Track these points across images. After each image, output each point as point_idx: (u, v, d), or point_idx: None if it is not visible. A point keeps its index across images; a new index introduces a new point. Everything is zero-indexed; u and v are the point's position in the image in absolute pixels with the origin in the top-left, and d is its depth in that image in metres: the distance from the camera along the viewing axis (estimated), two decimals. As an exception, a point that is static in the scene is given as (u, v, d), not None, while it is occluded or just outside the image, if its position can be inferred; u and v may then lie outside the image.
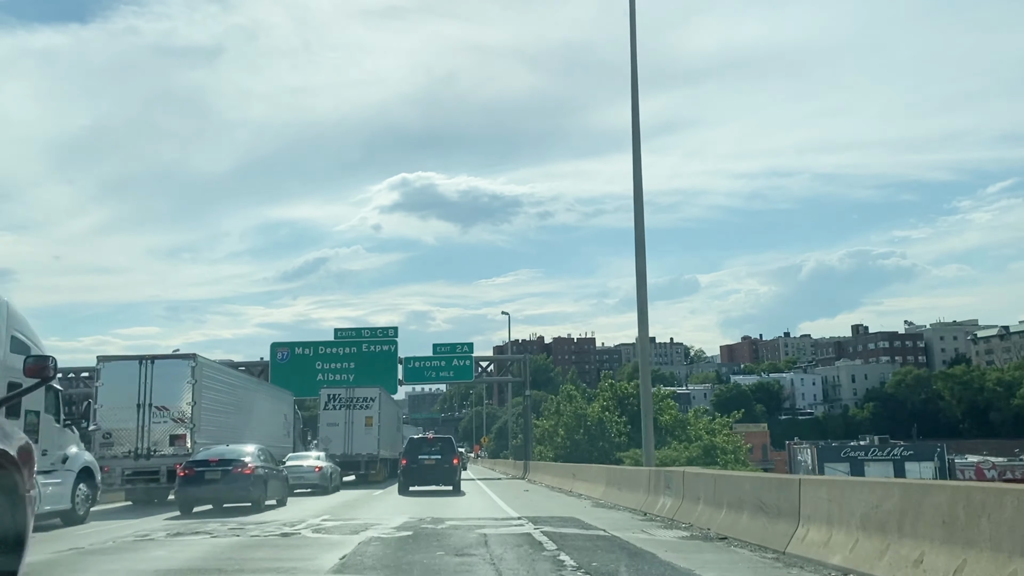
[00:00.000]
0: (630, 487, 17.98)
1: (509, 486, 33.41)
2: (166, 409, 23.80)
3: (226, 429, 26.73)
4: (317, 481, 29.27)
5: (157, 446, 23.70)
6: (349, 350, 50.65)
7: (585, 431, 52.12)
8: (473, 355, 51.25)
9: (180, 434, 23.85)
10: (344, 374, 50.21)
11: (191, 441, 23.80)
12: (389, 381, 49.91)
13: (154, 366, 24.02)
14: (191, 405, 24.02)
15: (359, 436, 37.19)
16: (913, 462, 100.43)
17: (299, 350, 50.64)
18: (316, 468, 29.73)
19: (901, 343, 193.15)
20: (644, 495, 16.61)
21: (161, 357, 24.51)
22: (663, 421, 52.17)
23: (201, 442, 24.02)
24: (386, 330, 51.50)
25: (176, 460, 22.96)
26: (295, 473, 28.01)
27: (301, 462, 30.18)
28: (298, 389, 50.24)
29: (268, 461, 22.34)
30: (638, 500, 16.89)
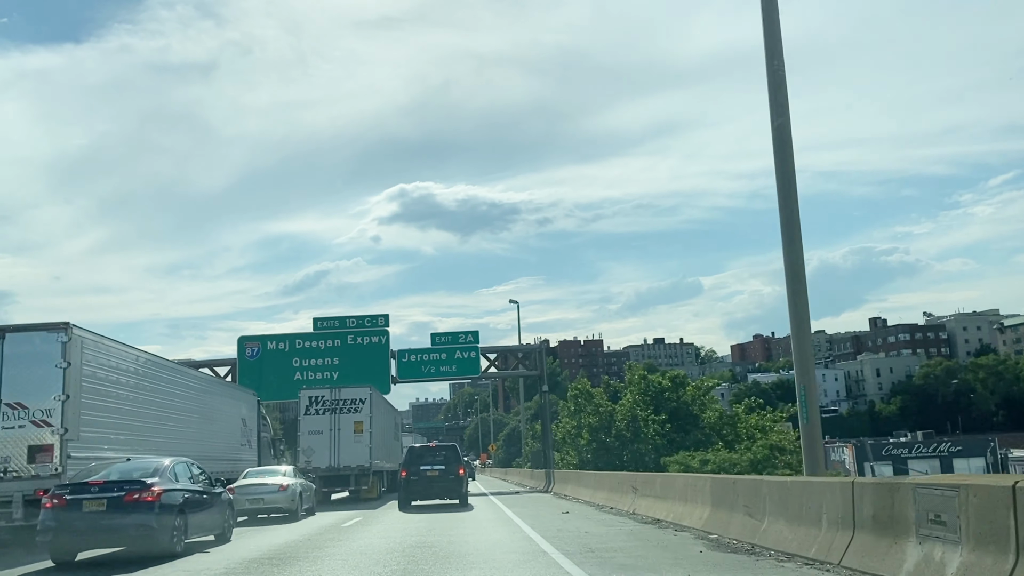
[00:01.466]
0: (785, 515, 9.75)
1: (535, 504, 25.26)
2: (21, 407, 15.74)
3: (135, 438, 18.72)
4: (282, 504, 22.75)
5: (7, 463, 15.61)
6: (332, 343, 42.53)
7: (615, 432, 43.91)
8: (479, 345, 43.12)
9: (45, 444, 15.79)
10: (327, 371, 42.14)
11: (61, 454, 15.75)
12: (380, 378, 41.80)
13: (3, 343, 15.98)
14: (62, 401, 15.94)
15: (347, 445, 31.38)
16: (961, 459, 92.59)
17: (272, 344, 42.51)
18: (280, 487, 22.93)
19: (923, 335, 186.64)
20: (831, 532, 8.43)
21: (13, 329, 16.39)
22: (707, 419, 44.01)
23: (81, 456, 16.04)
24: (375, 318, 43.38)
25: (39, 484, 15.32)
26: (253, 494, 22.31)
27: (261, 480, 23.36)
28: (273, 391, 42.26)
29: (193, 481, 15.64)
30: (813, 541, 8.71)
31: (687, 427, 43.73)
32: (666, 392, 45.05)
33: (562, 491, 30.55)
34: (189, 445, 21.60)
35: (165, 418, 21.06)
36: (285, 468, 25.64)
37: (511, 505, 24.83)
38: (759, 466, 35.03)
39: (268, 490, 22.72)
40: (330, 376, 41.94)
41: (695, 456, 35.05)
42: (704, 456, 35.07)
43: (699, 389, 45.24)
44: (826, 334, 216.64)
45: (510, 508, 22.94)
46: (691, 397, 44.82)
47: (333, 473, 30.99)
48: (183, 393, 22.94)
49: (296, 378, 41.83)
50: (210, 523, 15.93)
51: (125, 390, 18.71)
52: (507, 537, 14.02)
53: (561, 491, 30.80)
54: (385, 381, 42.06)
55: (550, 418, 43.87)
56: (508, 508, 23.14)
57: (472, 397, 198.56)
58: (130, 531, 13.56)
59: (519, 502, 26.79)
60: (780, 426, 45.50)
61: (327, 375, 41.99)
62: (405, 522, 19.08)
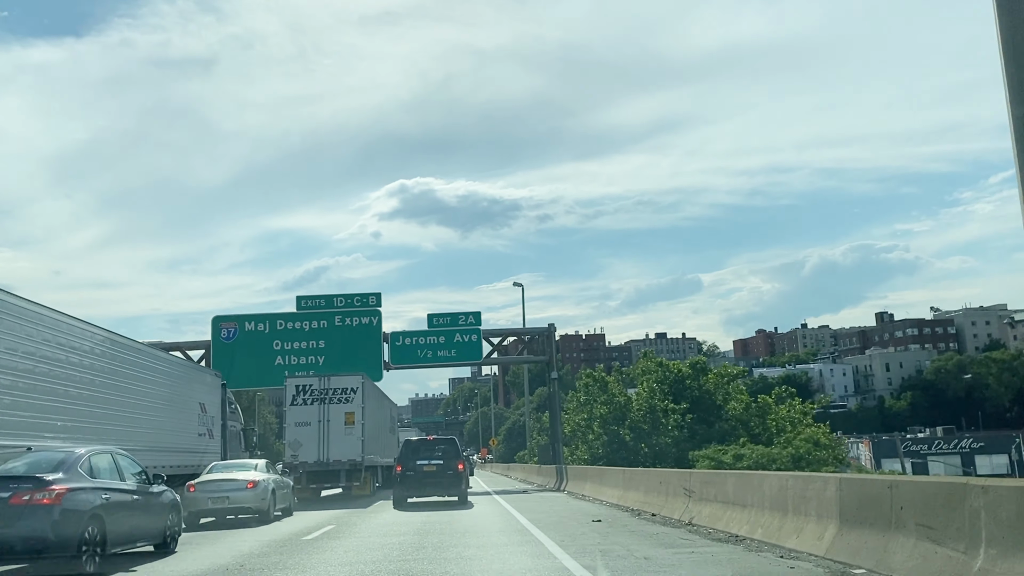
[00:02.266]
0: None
1: (551, 507, 20.96)
2: None
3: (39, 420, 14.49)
4: (251, 503, 19.50)
5: None
6: (318, 324, 38.22)
7: (630, 424, 39.69)
8: (481, 328, 38.80)
9: None
10: (311, 355, 37.89)
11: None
12: (371, 363, 37.54)
13: None
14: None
15: (337, 438, 29.03)
16: (984, 455, 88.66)
17: (250, 325, 38.18)
18: (249, 483, 19.61)
19: (931, 330, 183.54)
20: None
21: None
22: (732, 410, 39.80)
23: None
24: (365, 297, 39.04)
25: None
26: (216, 492, 19.18)
27: (227, 475, 20.01)
28: (251, 376, 38.06)
29: (119, 477, 12.40)
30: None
31: (710, 418, 39.55)
32: (686, 380, 40.88)
33: (578, 490, 26.28)
34: (129, 435, 17.40)
35: (90, 399, 16.77)
36: (258, 462, 22.19)
37: (522, 508, 20.57)
38: (801, 462, 30.79)
39: (234, 487, 19.40)
40: (315, 361, 37.74)
41: (726, 450, 30.88)
42: (737, 450, 30.89)
43: (722, 377, 41.00)
44: (830, 329, 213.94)
45: (522, 513, 18.67)
46: (713, 385, 40.62)
47: (322, 468, 28.73)
48: (120, 369, 18.64)
49: (277, 363, 37.63)
50: (144, 531, 12.67)
51: (23, 359, 14.39)
52: (531, 563, 9.72)
53: (577, 490, 26.53)
54: (377, 367, 37.79)
55: (558, 410, 39.55)
56: (520, 512, 18.87)
57: (472, 391, 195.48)
58: (17, 545, 10.22)
59: (530, 504, 22.53)
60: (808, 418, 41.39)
61: (312, 360, 37.77)
62: (386, 534, 14.87)
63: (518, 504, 22.31)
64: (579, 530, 13.73)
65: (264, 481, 19.95)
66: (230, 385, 38.32)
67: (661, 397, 39.85)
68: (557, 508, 20.10)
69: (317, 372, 36.85)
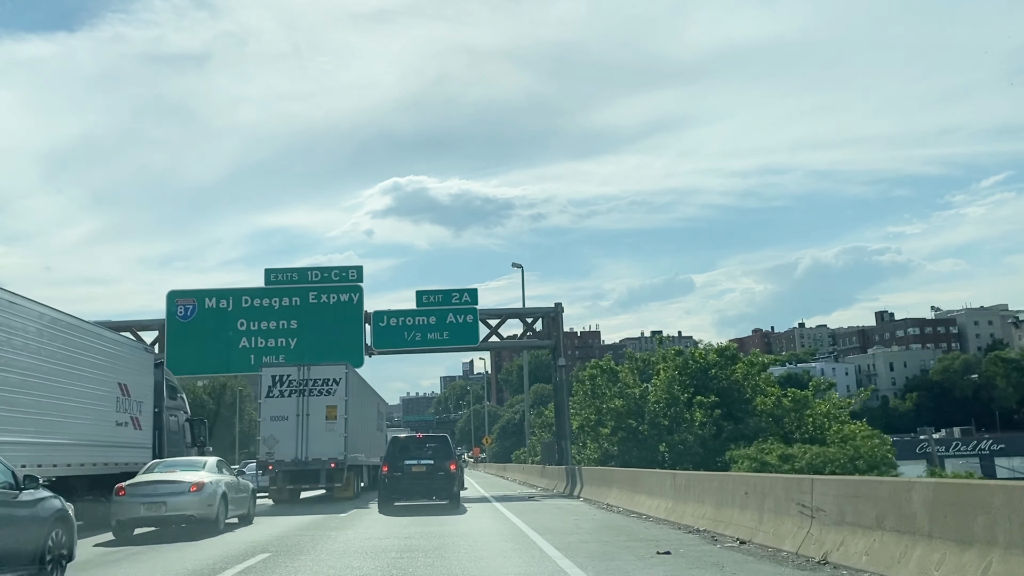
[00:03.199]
0: None
1: (572, 521, 15.82)
2: None
3: None
4: (194, 510, 16.11)
5: None
6: (289, 301, 33.09)
7: (649, 420, 34.66)
8: (477, 307, 33.68)
9: None
10: (282, 337, 32.79)
11: None
12: (350, 347, 32.56)
13: None
14: None
15: (318, 434, 26.84)
16: (1004, 457, 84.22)
17: (211, 301, 32.97)
18: (192, 486, 16.31)
19: (933, 329, 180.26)
20: None
21: None
22: (763, 404, 34.81)
23: None
24: (345, 270, 33.91)
25: None
26: (150, 497, 15.92)
27: (167, 476, 16.67)
28: (212, 360, 33.10)
29: None
30: None
31: (739, 414, 34.54)
32: (712, 369, 35.84)
33: (599, 497, 21.18)
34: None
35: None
36: (208, 460, 18.54)
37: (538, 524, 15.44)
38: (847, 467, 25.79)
39: (174, 490, 16.10)
40: (286, 343, 32.68)
41: (770, 449, 25.86)
42: (783, 449, 25.85)
43: (752, 366, 35.98)
44: (828, 328, 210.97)
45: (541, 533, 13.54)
46: (742, 376, 35.63)
47: (300, 468, 26.62)
48: None
49: (242, 345, 32.58)
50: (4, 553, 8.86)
51: None
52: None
53: (597, 497, 21.43)
54: (357, 351, 32.74)
55: (566, 402, 34.40)
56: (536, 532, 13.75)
57: (464, 389, 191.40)
58: None
59: (546, 517, 17.39)
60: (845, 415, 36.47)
61: (282, 342, 32.69)
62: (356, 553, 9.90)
63: (529, 517, 17.24)
64: (647, 571, 8.68)
65: (213, 483, 16.56)
66: (187, 370, 33.20)
67: (682, 389, 34.84)
68: (585, 525, 14.97)
69: (288, 356, 32.14)
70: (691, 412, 33.90)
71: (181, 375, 32.61)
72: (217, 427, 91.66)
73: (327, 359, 31.29)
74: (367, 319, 33.36)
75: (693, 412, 33.76)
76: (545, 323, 34.62)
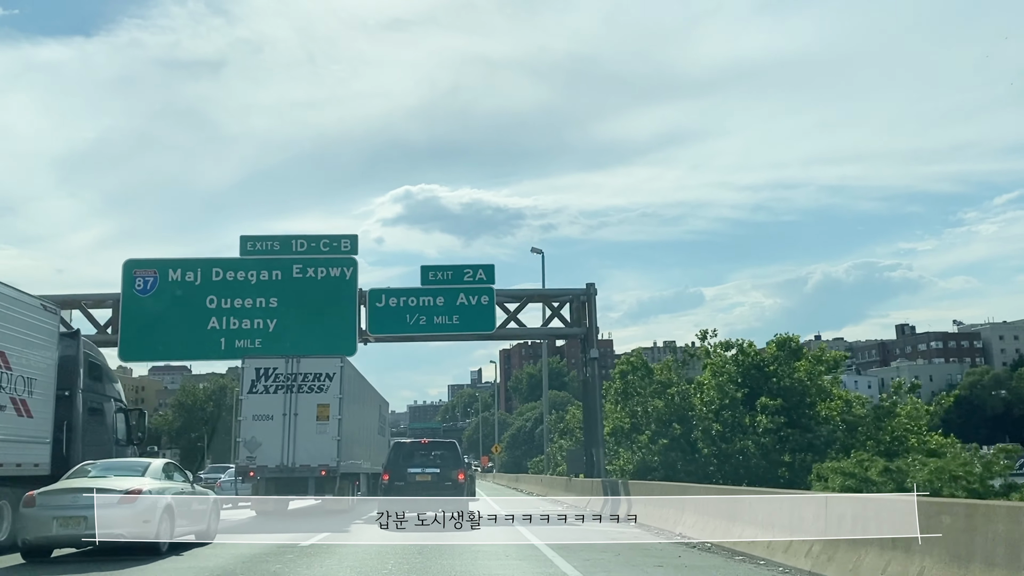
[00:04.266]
0: None
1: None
2: None
3: None
4: (125, 527, 12.68)
5: None
6: (269, 275, 27.71)
7: (699, 425, 29.04)
8: (494, 287, 28.14)
9: None
10: (259, 318, 27.44)
11: None
12: (341, 332, 27.31)
13: None
14: None
15: (307, 437, 23.84)
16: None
17: (175, 274, 27.53)
18: (124, 495, 12.91)
19: (956, 343, 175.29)
20: None
21: None
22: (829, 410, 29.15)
23: None
24: (336, 240, 28.36)
25: None
26: (67, 510, 12.52)
27: (90, 482, 13.23)
28: (176, 344, 27.71)
29: None
30: None
31: (804, 420, 28.89)
32: (770, 366, 30.20)
33: (662, 524, 15.49)
34: None
35: None
36: (153, 463, 14.98)
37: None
38: (953, 488, 19.97)
39: (100, 501, 12.55)
40: (263, 326, 27.31)
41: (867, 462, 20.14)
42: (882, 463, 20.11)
43: (820, 362, 30.29)
44: (845, 341, 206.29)
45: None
46: (807, 376, 29.96)
47: (285, 475, 23.44)
48: None
49: (211, 326, 27.20)
50: None
51: None
52: None
53: (659, 523, 15.74)
54: (348, 337, 27.37)
55: (599, 402, 28.66)
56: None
57: (472, 397, 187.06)
58: None
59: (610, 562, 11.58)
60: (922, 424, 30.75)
61: (259, 324, 27.31)
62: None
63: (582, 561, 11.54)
64: None
65: (153, 492, 13.34)
66: (144, 355, 27.77)
67: (736, 388, 29.21)
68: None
69: (266, 341, 26.94)
70: (751, 416, 28.26)
71: (137, 361, 27.32)
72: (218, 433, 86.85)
73: (312, 345, 26.28)
74: (362, 299, 27.92)
75: (755, 416, 28.11)
76: (574, 308, 29.05)
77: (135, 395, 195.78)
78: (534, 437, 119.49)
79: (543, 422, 60.68)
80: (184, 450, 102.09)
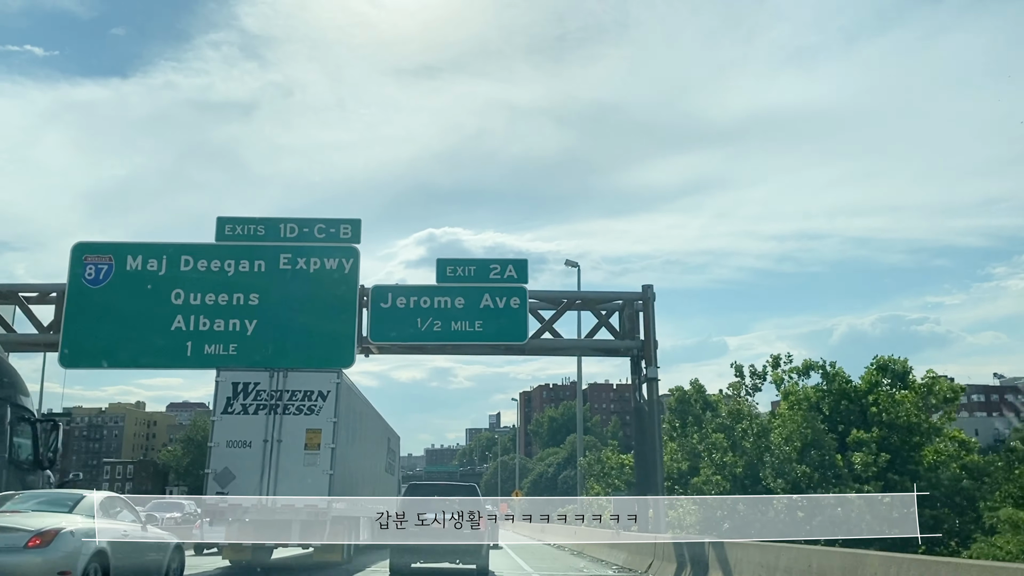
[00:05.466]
0: None
1: None
2: None
3: None
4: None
5: None
6: (249, 266, 22.47)
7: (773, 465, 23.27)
8: (527, 286, 22.69)
9: None
10: (235, 318, 22.15)
11: None
12: (335, 340, 22.07)
13: None
14: None
15: (292, 469, 19.28)
16: None
17: (135, 262, 22.32)
18: (35, 538, 10.28)
19: (999, 396, 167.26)
20: None
21: None
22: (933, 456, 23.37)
23: None
24: (335, 225, 23.05)
25: None
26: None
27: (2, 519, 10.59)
28: (129, 349, 22.36)
29: None
30: None
31: (907, 462, 23.11)
32: (869, 395, 24.49)
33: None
34: None
35: None
36: (89, 496, 12.04)
37: None
38: None
39: (3, 543, 10.05)
40: (240, 328, 22.02)
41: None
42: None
43: (928, 392, 24.50)
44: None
45: None
46: (914, 409, 24.18)
47: (264, 516, 19.00)
48: None
49: (176, 327, 21.93)
50: None
51: None
52: None
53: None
54: (345, 345, 22.01)
55: (659, 433, 22.78)
56: None
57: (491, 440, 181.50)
58: None
59: None
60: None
61: (235, 325, 22.02)
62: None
63: None
64: None
65: (76, 534, 10.63)
66: (90, 360, 22.29)
67: (823, 421, 23.45)
68: None
69: (242, 347, 21.80)
70: (844, 455, 22.48)
71: (82, 367, 22.15)
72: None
73: (299, 354, 21.40)
74: (364, 298, 22.61)
75: (849, 455, 22.33)
76: (624, 318, 23.49)
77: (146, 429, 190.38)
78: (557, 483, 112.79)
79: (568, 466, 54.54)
80: (191, 487, 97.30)
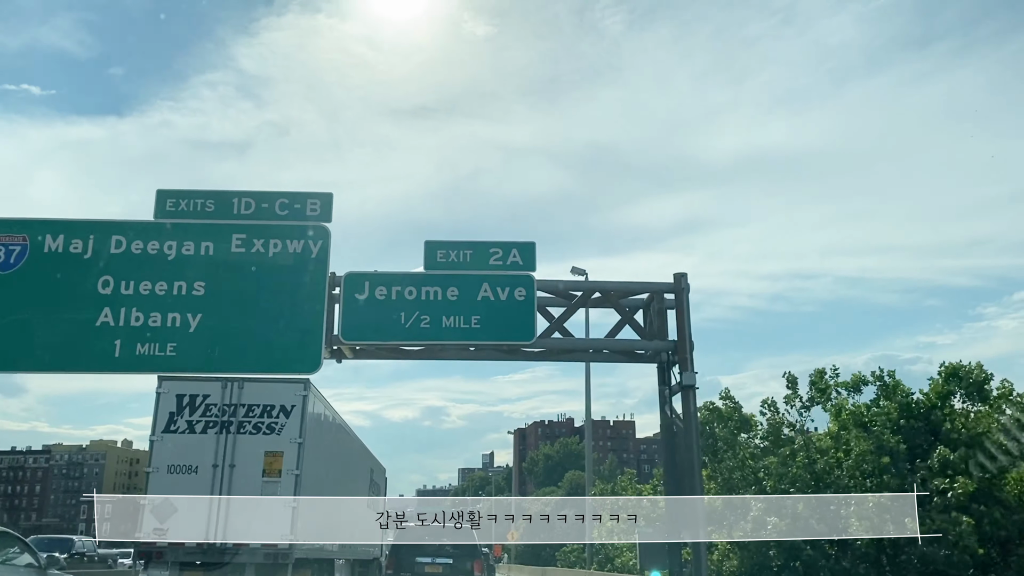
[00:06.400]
0: None
1: None
2: None
3: None
4: None
5: None
6: (195, 248, 18.36)
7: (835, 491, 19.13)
8: (534, 275, 18.63)
9: None
10: (176, 313, 17.90)
11: None
12: (298, 340, 17.92)
13: None
14: None
15: (247, 501, 16.19)
16: None
17: (55, 242, 18.13)
18: None
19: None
20: None
21: None
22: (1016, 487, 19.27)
23: None
24: (300, 200, 18.91)
25: None
26: None
27: None
28: (45, 349, 18.14)
29: None
30: None
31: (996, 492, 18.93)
32: (933, 412, 20.40)
33: None
34: None
35: None
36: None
37: None
38: None
39: None
40: (182, 324, 17.83)
41: None
42: None
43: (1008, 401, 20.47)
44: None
45: None
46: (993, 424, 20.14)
47: (212, 559, 15.85)
48: None
49: (103, 321, 17.75)
50: None
51: None
52: None
53: None
54: (311, 345, 17.85)
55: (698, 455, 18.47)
56: None
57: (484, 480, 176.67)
58: None
59: None
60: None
61: (174, 320, 17.81)
62: None
63: None
64: None
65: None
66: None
67: (897, 441, 19.32)
68: None
69: (183, 347, 17.74)
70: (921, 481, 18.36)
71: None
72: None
73: (253, 356, 17.57)
74: (335, 289, 18.50)
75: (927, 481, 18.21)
76: (651, 314, 19.44)
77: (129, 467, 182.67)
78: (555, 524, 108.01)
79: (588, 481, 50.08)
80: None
